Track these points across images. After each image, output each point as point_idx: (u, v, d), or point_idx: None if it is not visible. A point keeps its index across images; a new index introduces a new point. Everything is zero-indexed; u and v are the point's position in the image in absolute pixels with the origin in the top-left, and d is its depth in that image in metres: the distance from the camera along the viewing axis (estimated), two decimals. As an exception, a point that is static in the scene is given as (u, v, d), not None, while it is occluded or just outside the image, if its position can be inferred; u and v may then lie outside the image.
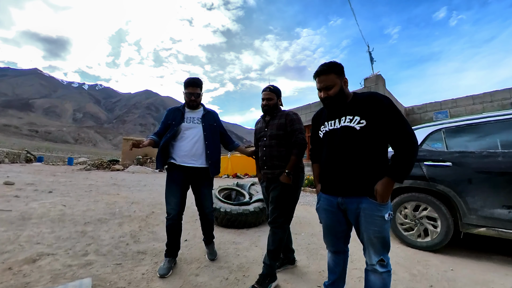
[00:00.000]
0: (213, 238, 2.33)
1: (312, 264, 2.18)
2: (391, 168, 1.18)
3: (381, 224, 1.18)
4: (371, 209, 1.18)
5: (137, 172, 14.35)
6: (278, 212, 1.83)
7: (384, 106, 1.21)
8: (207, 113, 2.26)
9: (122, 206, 4.32)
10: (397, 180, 1.16)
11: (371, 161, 1.22)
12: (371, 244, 1.21)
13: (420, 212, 2.66)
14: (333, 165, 1.30)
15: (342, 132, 1.28)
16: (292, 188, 1.86)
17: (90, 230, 2.91)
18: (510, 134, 2.34)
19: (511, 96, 7.30)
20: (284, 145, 1.92)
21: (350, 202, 1.25)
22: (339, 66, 1.32)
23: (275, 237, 1.81)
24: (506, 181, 2.20)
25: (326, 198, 1.37)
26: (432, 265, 2.23)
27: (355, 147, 1.24)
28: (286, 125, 1.92)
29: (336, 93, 1.30)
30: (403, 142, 1.17)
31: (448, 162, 2.52)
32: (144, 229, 3.05)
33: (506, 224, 2.17)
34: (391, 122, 1.19)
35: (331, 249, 1.43)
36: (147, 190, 6.62)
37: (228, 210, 3.07)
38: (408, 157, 1.16)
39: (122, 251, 2.34)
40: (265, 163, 1.98)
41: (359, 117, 1.23)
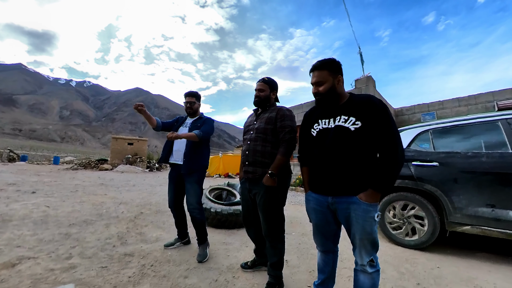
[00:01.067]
0: (203, 239, 2.30)
1: (303, 264, 2.18)
2: (374, 179, 1.17)
3: (372, 225, 1.18)
4: (361, 210, 1.18)
5: (126, 171, 14.05)
6: (271, 223, 1.72)
7: (378, 110, 1.19)
8: (199, 118, 2.49)
9: (110, 207, 4.20)
10: (381, 191, 1.16)
11: (363, 163, 1.21)
12: (363, 245, 1.21)
13: (408, 211, 2.71)
14: (324, 164, 1.29)
15: (335, 131, 1.26)
16: (278, 191, 1.71)
17: (75, 232, 2.81)
18: (493, 135, 2.42)
19: (494, 99, 7.58)
20: (271, 141, 1.77)
21: (340, 202, 1.24)
22: (335, 64, 1.30)
23: (275, 250, 1.74)
24: (489, 181, 2.27)
25: (315, 197, 1.36)
26: (419, 263, 2.27)
27: (348, 148, 1.22)
28: (276, 119, 1.77)
29: (326, 90, 1.29)
30: (388, 152, 1.16)
31: (435, 162, 2.58)
32: (132, 231, 2.97)
33: (489, 222, 2.24)
34: (381, 128, 1.18)
35: (321, 248, 1.43)
36: (136, 190, 6.48)
37: (219, 210, 3.03)
38: (391, 169, 1.15)
39: (108, 253, 2.27)
40: (246, 158, 1.82)
41: (355, 118, 1.22)
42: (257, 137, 1.80)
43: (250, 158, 1.80)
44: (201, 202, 2.33)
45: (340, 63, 1.33)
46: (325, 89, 1.29)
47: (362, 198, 1.17)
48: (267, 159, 1.74)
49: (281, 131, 1.74)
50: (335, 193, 1.26)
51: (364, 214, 1.17)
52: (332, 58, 1.32)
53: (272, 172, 1.64)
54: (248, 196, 1.87)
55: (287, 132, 1.72)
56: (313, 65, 1.32)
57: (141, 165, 16.47)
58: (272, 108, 1.88)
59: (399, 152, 1.16)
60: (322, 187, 1.31)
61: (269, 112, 1.85)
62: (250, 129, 1.91)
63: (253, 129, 1.87)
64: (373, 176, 1.19)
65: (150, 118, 2.35)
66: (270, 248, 1.76)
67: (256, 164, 1.77)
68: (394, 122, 1.20)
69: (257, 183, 1.75)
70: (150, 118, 2.36)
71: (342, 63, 1.34)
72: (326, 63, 1.30)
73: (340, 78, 1.31)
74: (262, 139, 1.78)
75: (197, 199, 2.27)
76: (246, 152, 1.84)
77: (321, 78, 1.29)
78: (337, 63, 1.31)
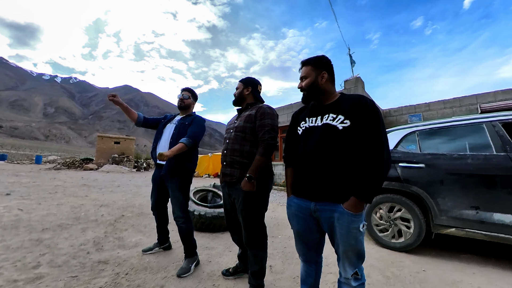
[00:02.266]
0: (191, 252, 2.08)
1: (287, 270, 2.11)
2: (357, 186, 1.08)
3: (357, 236, 1.09)
4: (345, 219, 1.09)
5: (112, 171, 13.63)
6: (251, 230, 1.62)
7: (368, 110, 1.12)
8: (188, 115, 2.30)
9: (89, 209, 3.99)
10: (365, 200, 1.07)
11: (349, 166, 1.13)
12: (346, 257, 1.13)
13: (394, 213, 2.69)
14: (308, 165, 1.20)
15: (322, 130, 1.18)
16: (258, 196, 1.60)
17: (47, 238, 2.62)
18: (478, 138, 2.43)
19: (478, 102, 7.81)
20: (250, 140, 1.66)
21: (324, 209, 1.16)
22: (320, 59, 1.27)
23: (256, 258, 1.65)
24: (474, 183, 2.27)
25: (297, 203, 1.27)
26: (405, 266, 2.24)
27: (335, 148, 1.14)
28: (256, 117, 1.66)
29: (307, 85, 1.27)
30: (374, 157, 1.07)
31: (421, 164, 2.57)
32: (110, 235, 2.81)
33: (474, 224, 2.24)
34: (369, 130, 1.10)
35: (303, 258, 1.34)
36: (120, 191, 6.25)
37: (203, 213, 2.91)
38: (376, 175, 1.06)
39: (80, 261, 2.11)
40: (224, 158, 1.72)
41: (343, 117, 1.14)
42: (236, 136, 1.70)
43: (228, 158, 1.69)
44: (186, 211, 2.12)
45: (329, 60, 1.29)
46: (307, 83, 1.27)
47: (345, 207, 1.09)
48: (245, 159, 1.63)
49: (260, 130, 1.62)
50: (318, 198, 1.17)
51: (348, 225, 1.08)
52: (321, 55, 1.30)
53: (250, 175, 1.51)
54: (229, 201, 1.76)
55: (267, 131, 1.60)
56: (301, 61, 1.32)
57: (128, 164, 16.03)
58: (254, 106, 1.79)
59: (385, 156, 1.07)
60: (305, 190, 1.22)
61: (250, 110, 1.76)
62: (231, 127, 1.81)
63: (233, 127, 1.77)
64: (357, 183, 1.10)
65: (129, 111, 2.21)
66: (251, 257, 1.66)
67: (233, 165, 1.66)
68: (384, 126, 1.12)
69: (235, 187, 1.64)
70: (129, 111, 2.21)
71: (333, 64, 1.31)
72: (312, 58, 1.29)
73: (325, 74, 1.26)
74: (241, 137, 1.68)
75: (181, 207, 2.08)
76: (224, 151, 1.75)
77: (305, 73, 1.29)
78: (323, 59, 1.27)
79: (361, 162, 1.11)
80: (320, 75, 1.26)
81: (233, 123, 1.82)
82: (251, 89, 1.84)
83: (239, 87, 1.85)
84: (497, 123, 2.37)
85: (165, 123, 2.32)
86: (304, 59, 1.32)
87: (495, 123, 2.38)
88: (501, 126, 2.35)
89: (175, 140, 2.09)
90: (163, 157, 1.80)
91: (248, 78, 1.89)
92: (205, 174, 13.99)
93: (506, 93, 7.49)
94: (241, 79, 1.89)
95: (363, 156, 1.10)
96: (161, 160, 1.84)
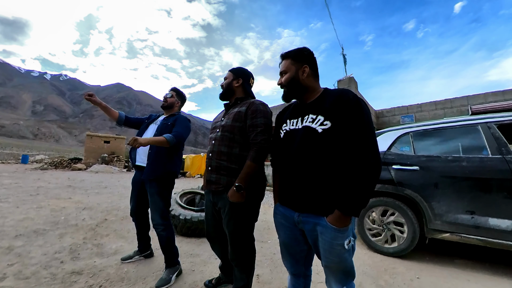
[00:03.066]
0: (172, 261, 1.92)
1: (275, 279, 1.98)
2: (342, 198, 0.94)
3: (340, 253, 0.96)
4: (328, 234, 0.96)
5: (101, 171, 13.25)
6: (239, 246, 1.44)
7: (350, 106, 0.97)
8: (172, 115, 2.13)
9: (70, 213, 3.78)
10: (350, 213, 0.92)
11: (334, 173, 0.99)
12: (331, 273, 1.02)
13: (387, 217, 2.60)
14: (289, 173, 1.08)
15: (303, 134, 1.05)
16: (248, 207, 1.40)
17: (19, 246, 2.43)
18: (473, 139, 2.37)
19: (469, 103, 7.89)
20: (239, 142, 1.44)
21: (307, 221, 1.03)
22: (301, 51, 1.14)
23: (242, 274, 1.48)
24: (469, 186, 2.20)
25: (282, 212, 1.15)
26: (398, 273, 2.15)
27: (314, 154, 1.00)
28: (247, 115, 1.43)
29: (287, 80, 1.14)
30: (359, 161, 0.92)
31: (416, 166, 2.49)
32: (89, 241, 2.63)
33: (469, 229, 2.16)
34: (352, 130, 0.95)
35: (290, 271, 1.22)
36: (107, 192, 6.01)
37: (188, 218, 2.76)
38: (362, 183, 0.91)
39: (52, 272, 1.94)
40: (209, 161, 1.50)
41: (323, 117, 1.00)
42: (223, 136, 1.46)
43: (214, 162, 1.47)
44: (167, 217, 1.96)
45: (311, 53, 1.14)
46: (286, 79, 1.14)
47: (329, 221, 0.95)
48: (233, 164, 1.42)
49: (251, 130, 1.40)
50: (301, 209, 1.05)
51: (331, 241, 0.95)
52: (302, 47, 1.15)
53: (240, 184, 1.31)
54: (212, 210, 1.55)
55: (259, 133, 1.37)
56: (280, 54, 1.18)
57: (118, 164, 15.65)
58: (244, 102, 1.54)
59: (371, 162, 0.91)
60: (289, 199, 1.11)
61: (239, 107, 1.51)
62: (217, 126, 1.56)
63: (219, 126, 1.53)
64: (341, 193, 0.95)
65: (108, 110, 2.07)
66: (237, 271, 1.50)
67: (220, 171, 1.44)
68: (371, 124, 0.97)
69: (221, 196, 1.44)
70: (109, 110, 2.08)
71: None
72: (292, 51, 1.15)
73: (306, 68, 1.12)
74: (228, 138, 1.45)
75: (161, 213, 1.90)
76: (209, 154, 1.52)
77: (284, 67, 1.16)
78: (304, 51, 1.13)
79: (346, 169, 0.97)
80: (301, 69, 1.12)
81: (220, 120, 1.58)
82: (242, 81, 1.60)
83: (228, 77, 1.60)
84: (493, 125, 2.31)
85: (148, 123, 2.17)
86: (283, 52, 1.17)
87: (491, 125, 2.32)
88: (497, 128, 2.29)
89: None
90: (135, 143, 1.60)
91: (240, 68, 1.66)
92: (197, 174, 13.78)
93: (496, 95, 7.59)
94: (231, 69, 1.64)
95: (348, 162, 0.96)
96: (133, 145, 1.60)
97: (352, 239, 0.98)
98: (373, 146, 0.94)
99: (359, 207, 0.92)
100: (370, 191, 0.93)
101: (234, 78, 1.60)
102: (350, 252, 0.99)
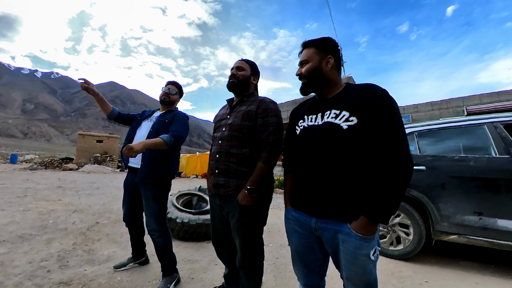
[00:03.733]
0: (170, 269, 1.80)
1: (280, 286, 1.88)
2: (369, 203, 0.85)
3: (365, 264, 0.86)
4: (352, 243, 0.86)
5: (93, 172, 12.91)
6: (249, 252, 1.35)
7: (380, 102, 0.88)
8: (169, 111, 1.98)
9: (60, 216, 3.59)
10: (378, 220, 0.83)
11: (359, 174, 0.89)
12: (353, 285, 0.92)
13: (392, 219, 2.53)
14: (307, 174, 0.98)
15: (324, 130, 0.95)
16: (258, 210, 1.33)
17: (2, 253, 2.26)
18: (479, 139, 2.31)
19: (464, 104, 7.96)
20: (249, 143, 1.34)
21: (326, 228, 0.93)
22: (326, 41, 1.04)
23: (250, 282, 1.39)
24: (477, 187, 2.14)
25: (296, 217, 1.04)
26: (406, 276, 2.08)
27: (339, 152, 0.91)
28: (257, 115, 1.35)
29: (308, 71, 1.03)
30: (389, 163, 0.83)
31: (422, 166, 2.42)
32: (80, 247, 2.47)
33: (476, 231, 2.11)
34: (380, 128, 0.86)
35: (302, 281, 1.11)
36: (99, 194, 5.80)
37: (186, 221, 2.63)
38: (392, 187, 0.82)
39: (37, 282, 1.78)
40: (216, 164, 1.39)
41: (348, 113, 0.91)
42: (231, 136, 1.36)
43: (222, 165, 1.36)
44: (163, 223, 1.83)
45: (336, 44, 1.04)
46: (307, 69, 1.03)
47: (353, 228, 0.86)
48: (244, 167, 1.32)
49: (263, 130, 1.32)
50: (319, 214, 0.95)
51: (355, 250, 0.86)
52: (327, 36, 1.05)
53: (252, 187, 1.24)
54: (220, 213, 1.45)
55: (271, 132, 1.30)
56: (302, 43, 1.09)
57: (111, 164, 15.31)
58: (252, 99, 1.44)
59: (403, 163, 0.82)
60: (305, 203, 1.00)
61: (248, 104, 1.41)
62: (222, 124, 1.45)
63: (225, 125, 1.42)
64: (368, 198, 0.86)
65: (103, 103, 1.97)
66: (245, 280, 1.40)
67: (229, 174, 1.34)
68: (401, 122, 0.88)
69: (230, 200, 1.34)
70: (104, 103, 1.98)
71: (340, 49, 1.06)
72: (316, 39, 1.04)
73: (330, 59, 1.02)
74: (237, 138, 1.35)
75: (156, 219, 1.77)
76: (216, 155, 1.40)
77: (306, 56, 1.05)
78: (330, 41, 1.03)
79: (374, 171, 0.87)
80: (325, 59, 1.02)
81: (225, 118, 1.47)
82: (257, 78, 1.55)
83: (246, 69, 1.48)
84: (499, 124, 2.26)
85: (141, 120, 2.01)
86: (306, 40, 1.07)
87: (497, 124, 2.26)
88: (503, 128, 2.24)
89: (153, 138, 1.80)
90: (131, 152, 1.40)
91: (256, 65, 1.54)
92: (192, 174, 13.57)
93: (491, 96, 7.67)
94: (246, 59, 1.52)
95: (376, 163, 0.87)
96: (129, 156, 1.42)
97: (378, 248, 0.88)
98: (405, 147, 0.85)
99: (389, 214, 0.82)
100: (401, 196, 0.83)
101: (252, 74, 1.51)
102: (375, 263, 0.89)
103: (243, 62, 1.50)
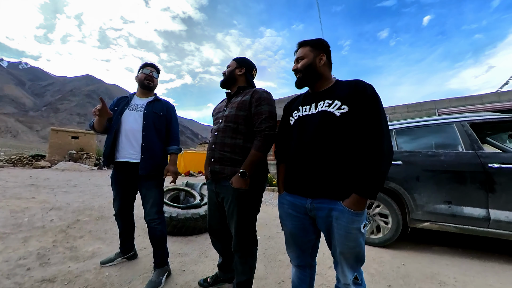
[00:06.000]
0: (163, 261, 1.80)
1: (270, 274, 1.95)
2: (359, 181, 0.97)
3: (357, 237, 0.98)
4: (345, 219, 0.97)
5: (68, 169, 12.18)
6: (243, 235, 1.41)
7: (367, 96, 1.01)
8: (156, 100, 1.93)
9: (35, 213, 3.39)
10: (367, 196, 0.95)
11: (350, 157, 1.01)
12: (345, 259, 1.02)
13: (373, 209, 2.71)
14: (304, 158, 1.08)
15: (319, 118, 1.07)
16: (252, 196, 1.39)
17: (-27, 252, 2.10)
18: (449, 136, 2.54)
19: (436, 107, 8.60)
20: (243, 133, 1.41)
21: (321, 208, 1.03)
22: (320, 41, 1.19)
23: (245, 267, 1.44)
24: (447, 179, 2.37)
25: (291, 200, 1.14)
26: (386, 261, 2.25)
27: (333, 137, 1.02)
28: (251, 104, 1.41)
29: (304, 66, 1.16)
30: (373, 147, 0.96)
31: (399, 161, 2.61)
32: (61, 245, 2.37)
33: (446, 218, 2.33)
34: (368, 117, 0.99)
35: (296, 262, 1.20)
36: (77, 191, 5.52)
37: (174, 215, 2.61)
38: (377, 167, 0.95)
39: (17, 281, 1.70)
40: (212, 153, 1.46)
41: (340, 102, 1.03)
42: (226, 127, 1.43)
43: (217, 154, 1.43)
44: (162, 210, 1.87)
45: (328, 45, 1.19)
46: (303, 64, 1.16)
47: (346, 205, 0.97)
48: (237, 156, 1.39)
49: (256, 118, 1.38)
50: (315, 194, 1.05)
51: (348, 225, 0.97)
52: (321, 38, 1.20)
53: (244, 171, 1.30)
54: (216, 200, 1.52)
55: (264, 120, 1.36)
56: (298, 42, 1.22)
57: (88, 162, 14.55)
58: (247, 90, 1.51)
59: (385, 147, 0.96)
60: (300, 186, 1.10)
61: (242, 96, 1.48)
62: (220, 116, 1.53)
63: (222, 117, 1.50)
64: (357, 178, 0.98)
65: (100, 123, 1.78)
66: (240, 265, 1.44)
67: (223, 162, 1.41)
68: (384, 114, 1.01)
69: (224, 184, 1.41)
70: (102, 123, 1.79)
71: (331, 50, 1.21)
72: (310, 39, 1.19)
73: (323, 56, 1.17)
74: (232, 129, 1.42)
75: (158, 207, 1.81)
76: (212, 145, 1.48)
77: (302, 53, 1.19)
78: (323, 42, 1.19)
79: (361, 154, 1.00)
80: (319, 57, 1.17)
81: (222, 110, 1.54)
82: (245, 70, 1.59)
83: (231, 66, 1.60)
84: (466, 123, 2.50)
85: (121, 111, 1.84)
86: (301, 40, 1.22)
87: (464, 123, 2.51)
88: (469, 126, 2.48)
89: (152, 133, 1.80)
90: (176, 176, 1.83)
91: (244, 58, 1.64)
92: (176, 172, 13.32)
93: (459, 100, 8.36)
94: (235, 58, 1.64)
95: (363, 147, 0.99)
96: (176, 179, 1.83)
97: (366, 223, 1.01)
98: (387, 134, 0.99)
99: (376, 190, 0.95)
100: (384, 176, 0.97)
101: (237, 66, 1.59)
102: (364, 237, 1.02)
103: (232, 61, 1.64)
